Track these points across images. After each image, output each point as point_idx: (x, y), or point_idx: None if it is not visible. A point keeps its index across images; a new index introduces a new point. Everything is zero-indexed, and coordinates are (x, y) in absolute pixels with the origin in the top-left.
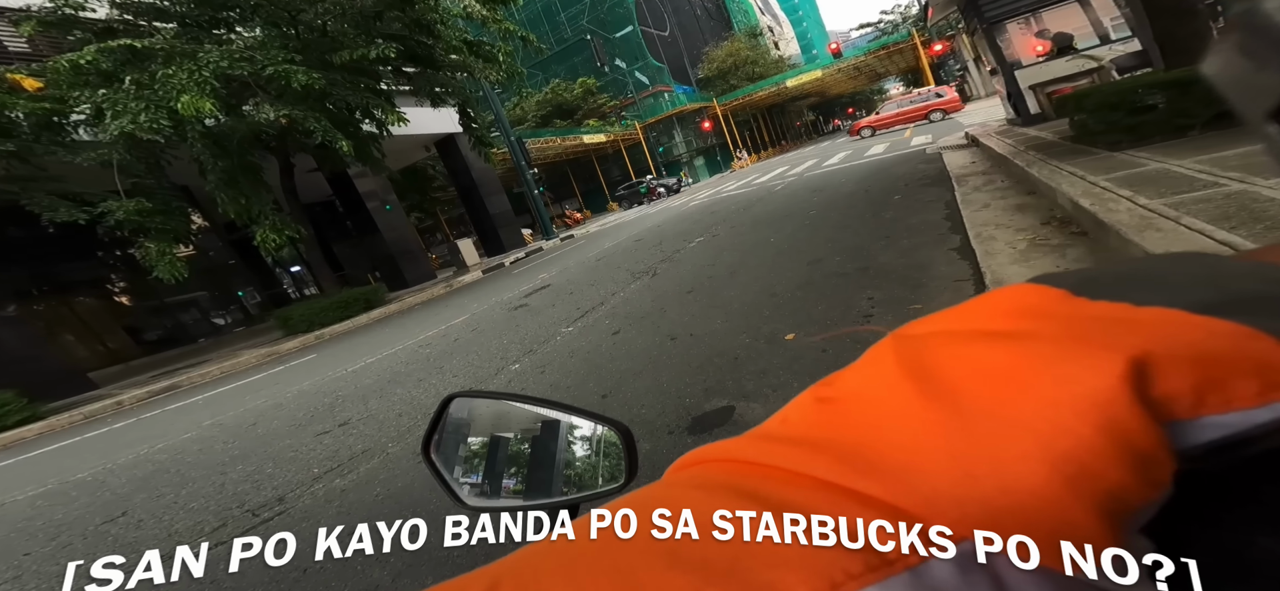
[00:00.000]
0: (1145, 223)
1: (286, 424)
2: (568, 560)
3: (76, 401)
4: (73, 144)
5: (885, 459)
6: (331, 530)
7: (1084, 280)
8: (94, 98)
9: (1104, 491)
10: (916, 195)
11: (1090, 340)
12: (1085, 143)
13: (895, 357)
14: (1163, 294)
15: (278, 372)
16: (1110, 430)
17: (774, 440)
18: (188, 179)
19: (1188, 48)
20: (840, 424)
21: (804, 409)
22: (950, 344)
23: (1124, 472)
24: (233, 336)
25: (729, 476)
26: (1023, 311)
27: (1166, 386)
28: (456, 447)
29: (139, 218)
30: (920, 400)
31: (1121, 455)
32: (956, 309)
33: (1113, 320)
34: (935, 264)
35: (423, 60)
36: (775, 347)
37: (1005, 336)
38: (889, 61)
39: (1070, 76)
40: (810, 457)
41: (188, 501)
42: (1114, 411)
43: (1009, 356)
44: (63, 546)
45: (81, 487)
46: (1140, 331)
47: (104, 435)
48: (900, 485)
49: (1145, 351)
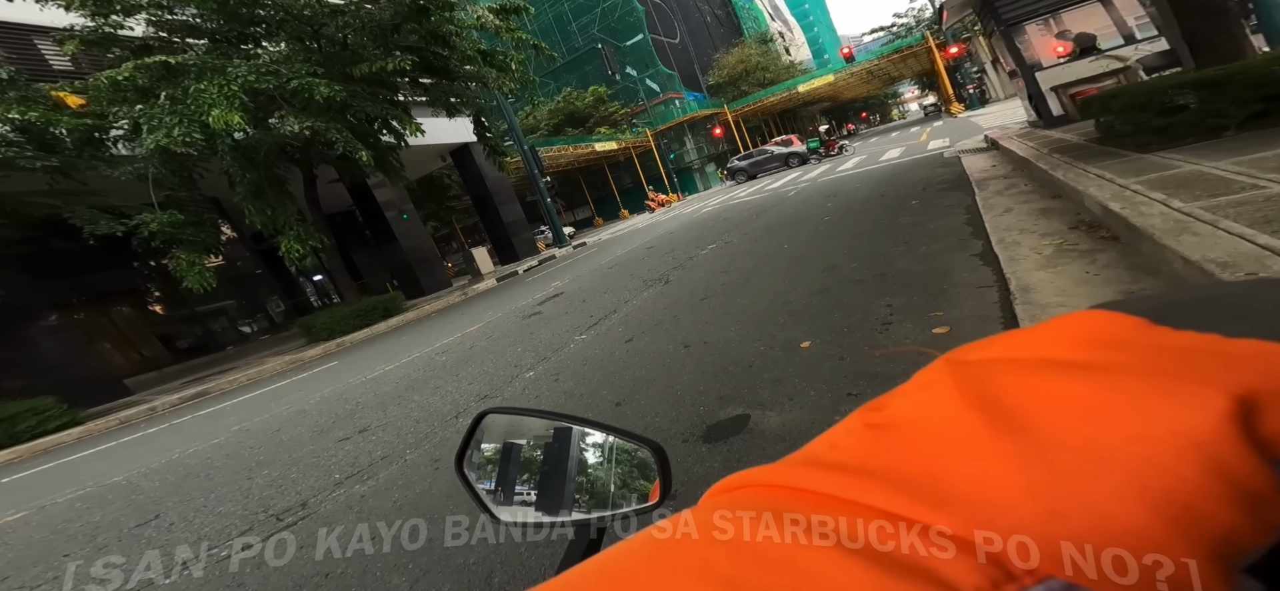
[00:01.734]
0: (1180, 226)
1: (309, 430)
2: (619, 586)
3: (112, 407)
4: (112, 159)
5: (955, 490)
6: (351, 533)
7: (1164, 307)
8: (131, 113)
9: (1214, 534)
10: (935, 200)
11: (1184, 374)
12: (1112, 144)
13: (955, 384)
14: (1255, 324)
15: (301, 379)
16: (1217, 471)
17: (826, 467)
18: (217, 191)
19: (1218, 46)
20: (897, 452)
21: (855, 434)
22: (1017, 372)
23: (1235, 515)
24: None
25: (782, 503)
26: (1099, 341)
27: (1275, 424)
28: (489, 462)
29: (172, 229)
30: (989, 431)
31: (1231, 497)
32: (1020, 333)
33: (1205, 352)
34: (956, 270)
35: (439, 71)
36: (791, 355)
37: (1083, 368)
38: (903, 65)
39: (1095, 77)
40: (869, 487)
41: (216, 505)
42: (1218, 450)
43: (1090, 389)
44: (100, 548)
45: (117, 491)
46: (1239, 366)
47: (138, 440)
48: (975, 519)
49: (1250, 388)
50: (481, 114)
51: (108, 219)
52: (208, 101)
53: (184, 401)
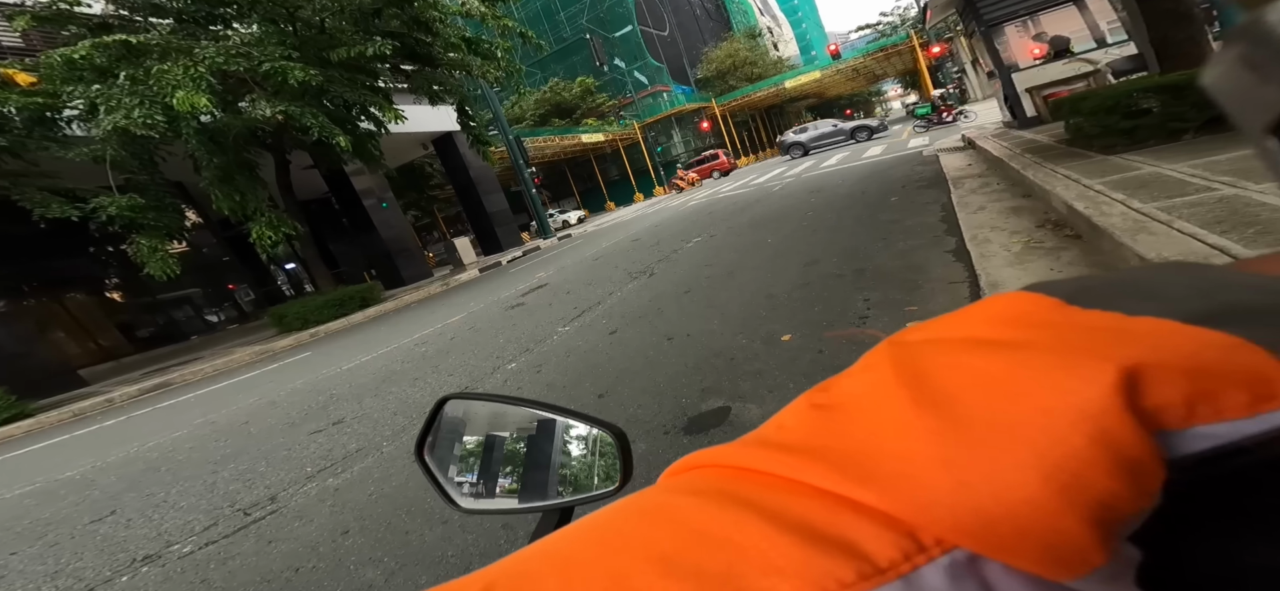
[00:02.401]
0: (1138, 226)
1: (280, 422)
2: (561, 562)
3: (66, 398)
4: (65, 139)
5: (880, 466)
6: (324, 527)
7: (1078, 289)
8: (87, 93)
9: (1095, 500)
10: (913, 197)
11: (1083, 349)
12: (1080, 146)
13: (891, 364)
14: (1155, 303)
15: (272, 370)
16: (1102, 440)
17: (770, 446)
18: (182, 175)
19: (1183, 52)
20: (836, 430)
21: (800, 414)
22: (945, 351)
23: (1115, 482)
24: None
25: (725, 482)
26: (1017, 319)
27: (1158, 396)
28: (451, 449)
29: (131, 214)
30: (914, 408)
31: (1113, 465)
32: (953, 315)
33: (1105, 329)
34: (931, 266)
35: (421, 57)
36: (772, 348)
37: (1000, 345)
38: (887, 63)
39: (1066, 79)
40: (806, 464)
41: (178, 500)
42: (1106, 421)
43: (1003, 365)
44: (50, 545)
45: (70, 486)
46: (1132, 341)
47: (94, 433)
48: (894, 493)
49: (1137, 361)
50: (465, 102)
51: (60, 202)
52: (172, 83)
53: (144, 393)
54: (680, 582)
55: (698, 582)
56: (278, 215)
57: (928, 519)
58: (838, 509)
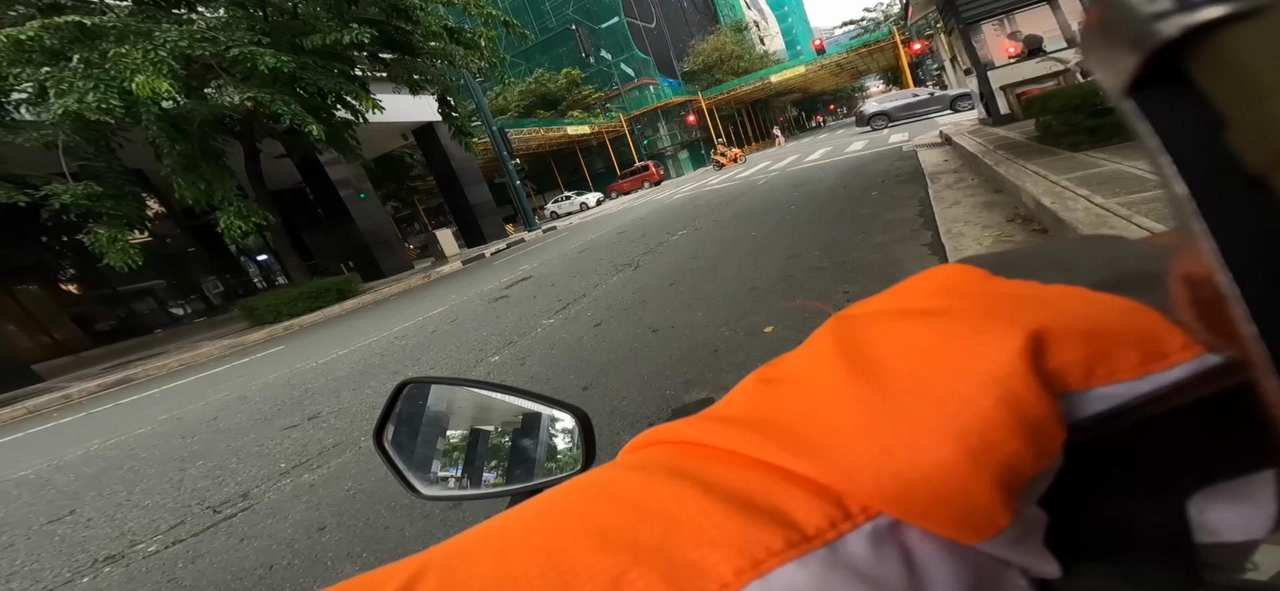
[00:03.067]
0: (1100, 221)
1: (251, 418)
2: (498, 541)
3: (19, 395)
4: (13, 124)
5: (813, 436)
6: (298, 524)
7: (1003, 260)
8: (37, 76)
9: (1001, 462)
10: (892, 192)
11: (998, 316)
12: (1050, 143)
13: (832, 338)
14: (1068, 272)
15: (242, 365)
16: (1008, 402)
17: (718, 420)
18: (142, 162)
19: None
20: (779, 404)
21: (748, 390)
22: (880, 322)
23: (1019, 443)
24: (193, 327)
25: (671, 457)
26: (946, 289)
27: (1059, 359)
28: (411, 435)
29: (87, 202)
30: (849, 378)
31: (1017, 426)
32: (893, 289)
33: (1021, 297)
34: (908, 260)
35: (401, 46)
36: (755, 340)
37: (928, 313)
38: (871, 59)
39: (1039, 78)
40: (747, 437)
41: (142, 499)
42: (1011, 384)
43: (929, 332)
44: (4, 547)
45: (24, 485)
46: (1042, 307)
47: (50, 430)
48: (824, 461)
49: (1042, 325)
50: (448, 93)
51: (7, 188)
52: (130, 67)
53: (104, 388)
54: (614, 555)
55: (632, 555)
56: (247, 205)
57: (854, 486)
58: (772, 479)
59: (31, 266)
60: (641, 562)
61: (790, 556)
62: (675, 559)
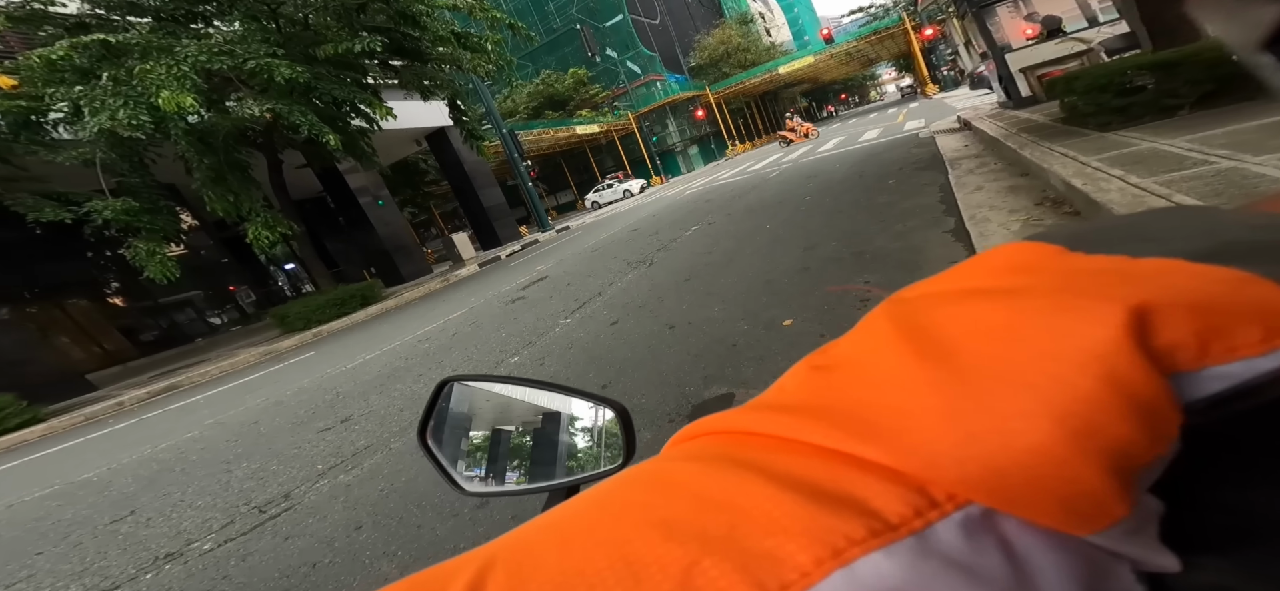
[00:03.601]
0: (1137, 201)
1: (288, 421)
2: (562, 534)
3: (76, 403)
4: (53, 143)
5: (883, 422)
6: (337, 523)
7: (1078, 235)
8: (71, 95)
9: (1111, 447)
10: (910, 179)
11: (1087, 292)
12: (1076, 124)
13: (889, 321)
14: (1159, 245)
15: (276, 370)
16: (1113, 382)
17: (770, 409)
18: (174, 177)
19: (1174, 29)
20: (836, 390)
21: (799, 378)
22: (944, 304)
23: (1131, 427)
24: (230, 335)
25: (725, 447)
26: (1017, 268)
27: (1169, 335)
28: (453, 433)
29: (126, 217)
30: (916, 361)
31: (1127, 408)
32: (952, 270)
33: (1110, 272)
34: (930, 247)
35: (409, 53)
36: (773, 334)
37: (1000, 293)
38: (881, 46)
39: (1060, 59)
40: (806, 424)
41: (194, 499)
42: (1116, 363)
43: (1005, 312)
44: (74, 545)
45: (88, 487)
46: (1139, 281)
47: (107, 436)
48: (899, 448)
49: (1145, 300)
50: (457, 97)
51: (53, 206)
52: (155, 82)
53: (153, 395)
54: (681, 546)
55: (700, 545)
56: (273, 215)
57: (936, 473)
58: (841, 466)
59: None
60: (712, 552)
61: (874, 545)
62: (746, 548)
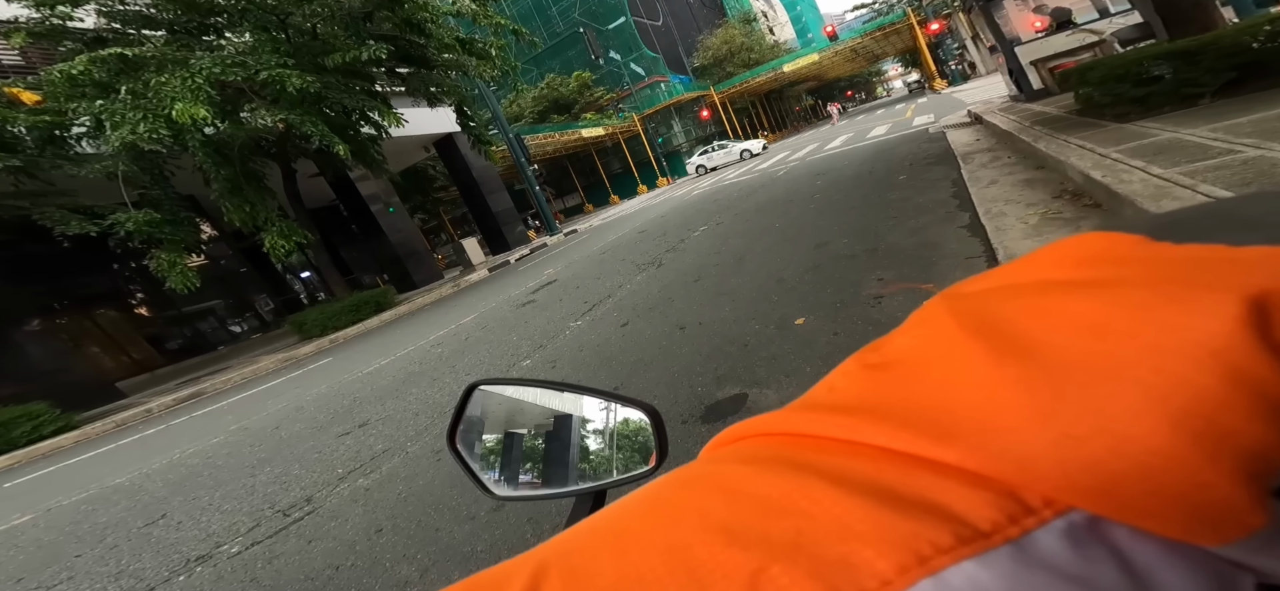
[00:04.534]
0: (1161, 191)
1: (308, 426)
2: (615, 537)
3: (108, 410)
4: (77, 157)
5: (960, 422)
6: (358, 526)
7: (1164, 224)
8: (92, 109)
9: (1242, 450)
10: (922, 175)
11: (1190, 282)
12: (1092, 115)
13: (952, 316)
14: (1262, 232)
15: (296, 377)
16: (1237, 378)
17: (823, 409)
18: (193, 188)
19: (1190, 17)
20: (898, 389)
21: (852, 376)
22: (1017, 297)
23: (1264, 428)
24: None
25: (778, 449)
26: (1098, 259)
27: None
28: (482, 437)
29: (149, 228)
30: (991, 357)
31: (1256, 407)
32: (1014, 263)
33: (1212, 260)
34: (945, 242)
35: (416, 60)
36: (786, 333)
37: (1084, 285)
38: (886, 42)
39: (1072, 51)
40: (869, 425)
41: (221, 503)
42: (1237, 357)
43: (1093, 304)
44: (111, 548)
45: (121, 492)
46: (1250, 270)
47: (137, 442)
48: (984, 451)
49: (1263, 289)
50: (464, 103)
51: (79, 219)
52: (171, 94)
53: (179, 402)
54: (746, 552)
55: (766, 550)
56: (288, 224)
57: (1029, 477)
58: (913, 469)
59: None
60: (780, 558)
61: (965, 553)
62: (817, 555)
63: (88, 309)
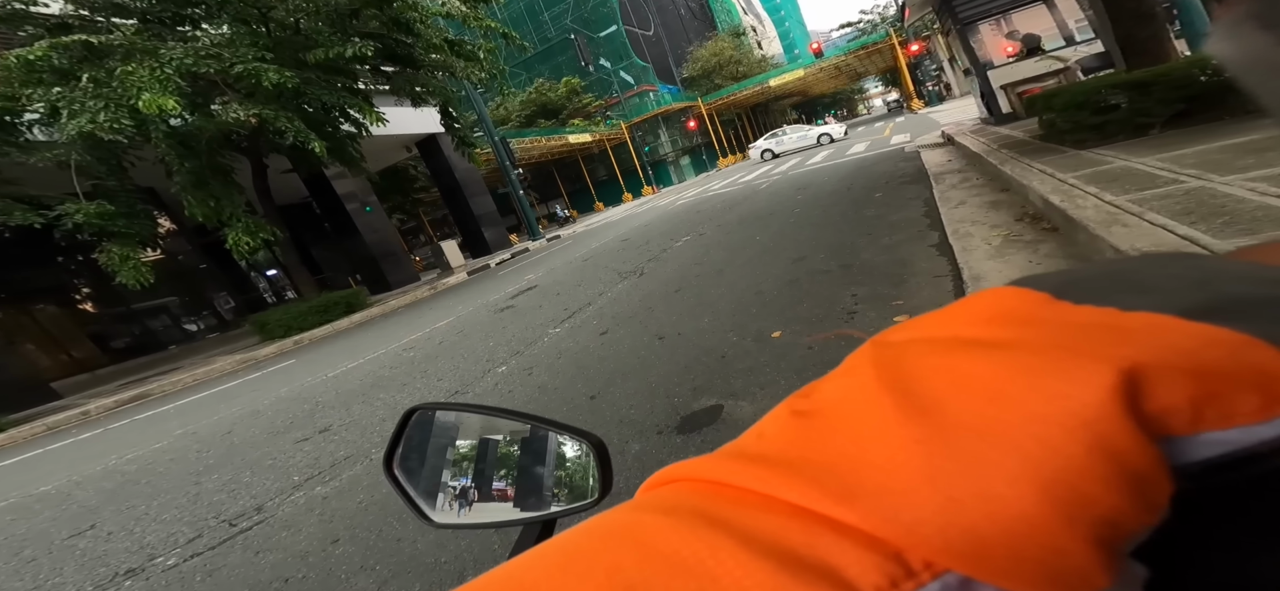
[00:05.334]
0: (1111, 218)
1: (264, 431)
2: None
3: (39, 412)
4: (27, 144)
5: (863, 482)
6: (313, 536)
7: (1067, 283)
8: (49, 96)
9: (1097, 517)
10: (897, 193)
11: (1076, 349)
12: (1054, 141)
13: (873, 367)
14: (1151, 297)
15: (254, 379)
16: (1102, 449)
17: (748, 459)
18: (153, 180)
19: (1146, 49)
20: (816, 441)
21: (780, 423)
22: (929, 353)
23: (1118, 496)
24: (206, 343)
25: (700, 499)
26: (1005, 317)
27: (1161, 400)
28: (422, 462)
29: (100, 221)
30: (898, 415)
31: (1115, 477)
32: (937, 314)
33: (1099, 326)
34: (916, 260)
35: (402, 59)
36: (763, 346)
37: (987, 345)
38: (868, 61)
39: (1039, 77)
40: (785, 480)
41: (160, 513)
42: (1104, 428)
43: (991, 367)
44: (27, 562)
45: (45, 501)
46: (1129, 339)
47: (69, 447)
48: (878, 511)
49: (1136, 362)
50: (449, 104)
51: (23, 209)
52: (138, 85)
53: (121, 404)
54: None
55: None
56: (255, 220)
57: (915, 539)
58: (817, 529)
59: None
60: None
61: None
62: None
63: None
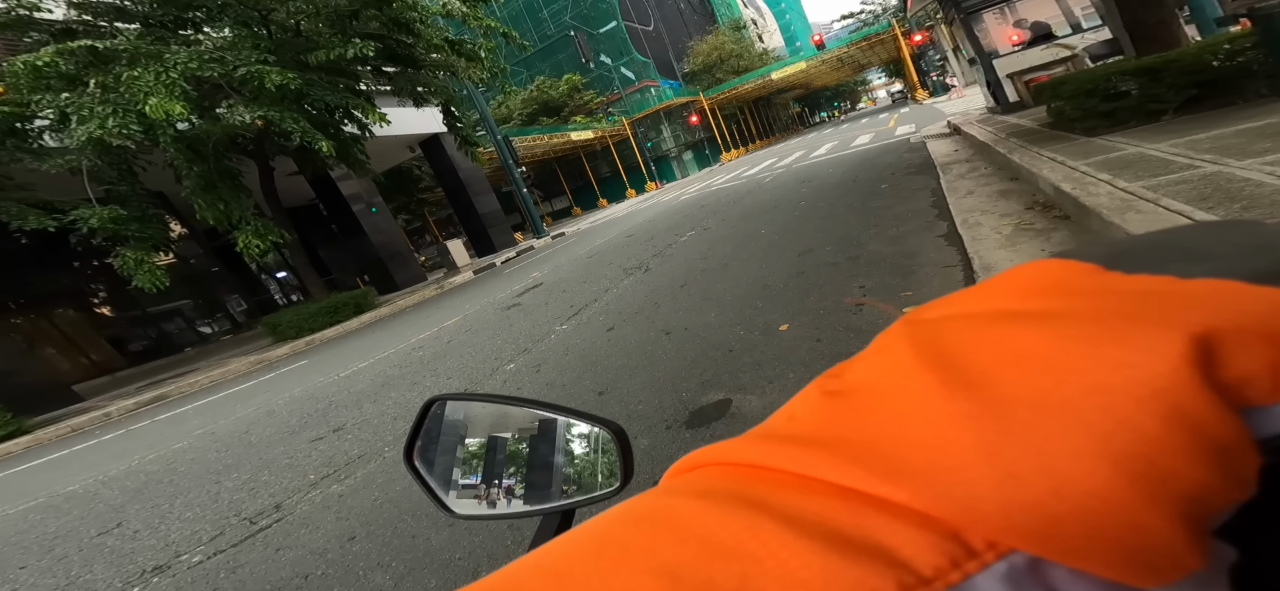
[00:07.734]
0: (1125, 205)
1: (280, 431)
2: (556, 578)
3: (63, 414)
4: (39, 150)
5: (909, 459)
6: (330, 533)
7: (1116, 253)
8: (57, 102)
9: (1182, 493)
10: (903, 184)
11: (1138, 317)
12: (1063, 129)
13: (909, 344)
14: (1210, 264)
15: (268, 380)
16: (1179, 420)
17: (781, 440)
18: (163, 185)
19: (1156, 35)
20: (854, 420)
21: (812, 403)
22: (971, 326)
23: (1202, 470)
24: (220, 345)
25: (733, 482)
26: (1051, 288)
27: (1238, 367)
28: (442, 453)
29: (113, 226)
30: (943, 390)
31: (1196, 449)
32: (973, 289)
33: (1159, 294)
34: (924, 251)
35: (403, 59)
36: (770, 339)
37: (1035, 316)
38: (871, 52)
39: (1046, 65)
40: (823, 459)
41: (183, 511)
42: (1180, 398)
43: (1043, 338)
44: (59, 559)
45: (73, 500)
46: (1196, 305)
47: (93, 447)
48: (930, 489)
49: (1208, 327)
50: (451, 103)
51: (38, 214)
52: (144, 89)
53: (141, 406)
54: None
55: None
56: (264, 223)
57: (973, 518)
58: (863, 509)
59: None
60: None
61: None
62: None
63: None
